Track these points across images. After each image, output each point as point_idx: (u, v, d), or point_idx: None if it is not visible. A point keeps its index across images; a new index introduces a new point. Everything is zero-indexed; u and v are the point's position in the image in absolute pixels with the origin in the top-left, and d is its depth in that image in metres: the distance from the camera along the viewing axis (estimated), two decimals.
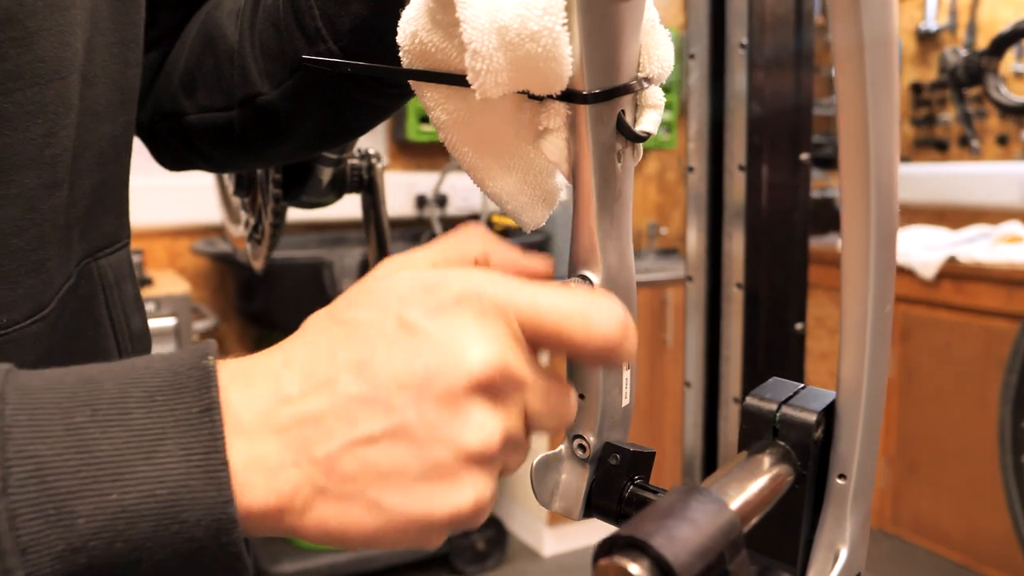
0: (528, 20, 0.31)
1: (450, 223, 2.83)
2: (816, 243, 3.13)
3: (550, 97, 0.35)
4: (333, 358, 0.30)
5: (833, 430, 0.33)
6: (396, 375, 0.29)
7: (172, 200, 2.45)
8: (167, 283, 2.24)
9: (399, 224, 2.82)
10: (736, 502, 0.29)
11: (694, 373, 1.13)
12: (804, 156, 1.04)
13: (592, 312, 0.31)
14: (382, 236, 0.89)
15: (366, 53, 0.47)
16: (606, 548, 0.26)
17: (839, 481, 0.33)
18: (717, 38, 1.03)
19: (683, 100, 3.13)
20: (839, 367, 0.32)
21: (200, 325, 2.26)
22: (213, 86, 0.54)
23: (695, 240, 1.10)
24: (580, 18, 0.33)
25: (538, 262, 0.36)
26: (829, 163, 3.58)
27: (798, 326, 1.07)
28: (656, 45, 0.38)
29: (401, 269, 0.32)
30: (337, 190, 0.84)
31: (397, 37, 0.38)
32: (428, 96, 0.39)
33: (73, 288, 0.46)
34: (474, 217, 2.92)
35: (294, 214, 0.95)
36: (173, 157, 0.61)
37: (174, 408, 0.28)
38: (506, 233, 2.87)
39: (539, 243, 2.69)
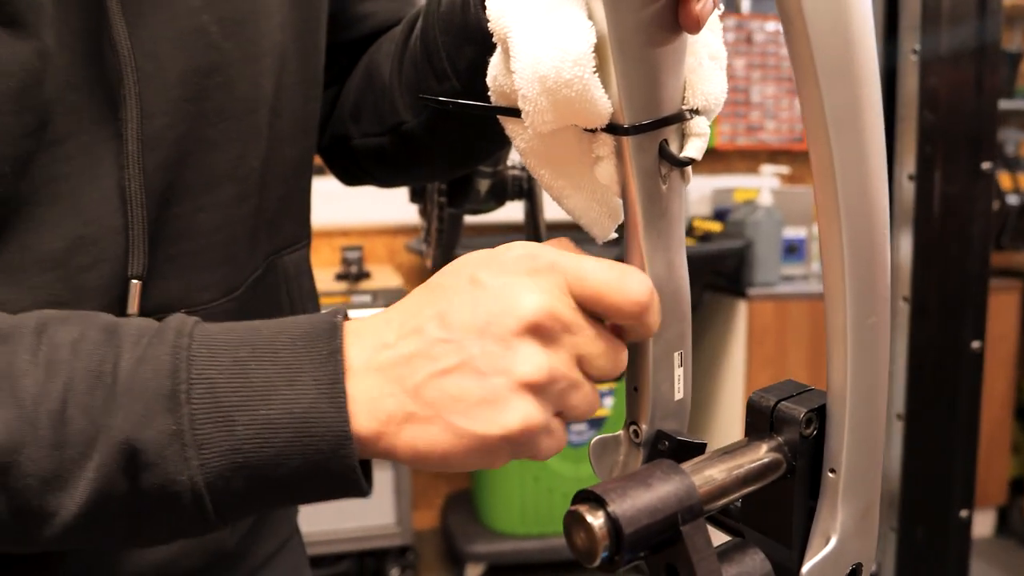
0: (562, 70, 0.38)
1: None
2: None
3: (598, 129, 0.41)
4: (420, 312, 0.38)
5: (825, 428, 0.36)
6: (465, 321, 0.37)
7: (392, 201, 2.70)
8: (384, 277, 2.49)
9: None
10: (706, 478, 0.34)
11: None
12: (986, 165, 0.99)
13: (626, 279, 0.38)
14: (539, 240, 0.98)
15: (481, 90, 0.55)
16: (578, 499, 0.32)
17: (830, 475, 0.36)
18: (889, 43, 1.00)
19: None
20: (827, 372, 0.36)
21: None
22: (372, 115, 0.65)
23: None
24: (616, 62, 0.39)
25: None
26: None
27: (975, 344, 1.02)
28: (702, 80, 0.43)
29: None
30: (498, 198, 0.93)
31: (487, 79, 0.46)
32: (510, 128, 0.46)
33: (260, 278, 0.59)
34: None
35: (493, 216, 1.05)
36: (347, 174, 0.74)
37: (310, 351, 0.38)
38: (707, 238, 2.86)
39: (741, 248, 2.66)
